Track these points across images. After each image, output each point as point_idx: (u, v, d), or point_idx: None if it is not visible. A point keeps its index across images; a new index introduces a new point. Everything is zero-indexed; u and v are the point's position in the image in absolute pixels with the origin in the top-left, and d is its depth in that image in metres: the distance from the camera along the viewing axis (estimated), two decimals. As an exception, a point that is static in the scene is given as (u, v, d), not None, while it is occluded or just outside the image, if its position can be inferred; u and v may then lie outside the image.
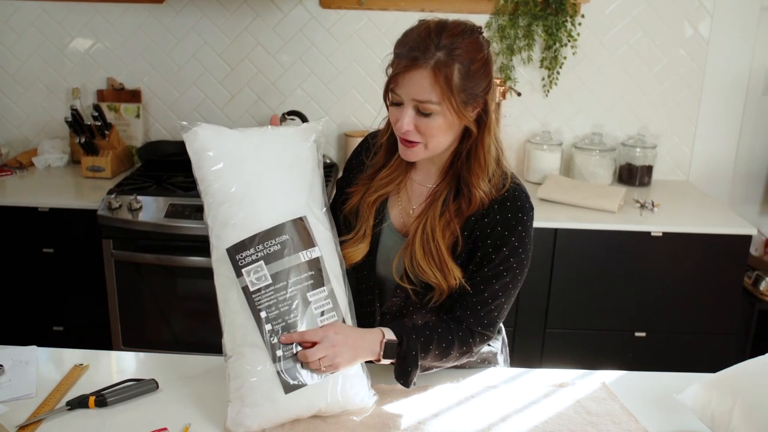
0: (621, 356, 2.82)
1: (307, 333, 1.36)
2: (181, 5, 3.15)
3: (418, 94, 1.38)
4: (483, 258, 1.51)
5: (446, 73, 1.36)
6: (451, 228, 1.50)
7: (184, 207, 2.71)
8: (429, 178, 1.58)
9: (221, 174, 1.40)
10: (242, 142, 1.44)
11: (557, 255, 2.72)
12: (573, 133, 3.26)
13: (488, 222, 1.50)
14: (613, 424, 1.46)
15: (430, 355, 1.48)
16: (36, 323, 2.90)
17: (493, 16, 3.09)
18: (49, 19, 3.18)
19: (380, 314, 1.63)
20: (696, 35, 3.12)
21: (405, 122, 1.40)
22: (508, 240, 1.50)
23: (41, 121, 3.31)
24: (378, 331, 1.44)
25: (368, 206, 1.58)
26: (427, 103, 1.38)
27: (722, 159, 3.27)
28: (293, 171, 1.46)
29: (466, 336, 1.52)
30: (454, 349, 1.50)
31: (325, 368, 1.36)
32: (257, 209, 1.39)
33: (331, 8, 3.13)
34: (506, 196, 1.50)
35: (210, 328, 2.81)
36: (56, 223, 2.76)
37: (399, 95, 1.41)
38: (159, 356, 1.68)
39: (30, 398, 1.47)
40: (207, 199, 1.41)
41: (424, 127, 1.41)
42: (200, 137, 1.42)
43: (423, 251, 1.50)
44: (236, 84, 3.24)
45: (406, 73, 1.37)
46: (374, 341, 1.42)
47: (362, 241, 1.58)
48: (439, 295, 1.52)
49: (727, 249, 2.72)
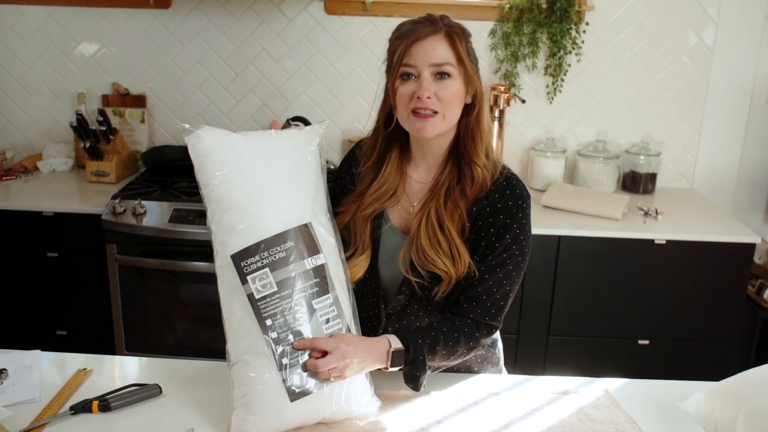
0: (624, 364, 2.81)
1: (319, 341, 1.35)
2: (187, 11, 3.16)
3: (435, 57, 1.45)
4: (487, 247, 1.53)
5: (458, 39, 1.47)
6: (458, 211, 1.53)
7: (189, 212, 2.71)
8: (428, 174, 1.60)
9: (225, 179, 1.39)
10: (246, 146, 1.43)
11: (560, 262, 2.72)
12: (577, 141, 3.26)
13: (490, 210, 1.53)
14: (616, 431, 1.46)
15: (438, 356, 1.49)
16: (39, 327, 2.90)
17: (497, 23, 3.10)
18: (54, 24, 3.19)
19: (385, 316, 1.63)
20: (700, 43, 3.12)
21: (425, 87, 1.45)
22: (510, 227, 1.52)
23: (46, 125, 3.32)
24: (384, 339, 1.44)
25: (363, 220, 1.58)
26: (445, 65, 1.45)
27: (726, 167, 3.27)
28: (298, 176, 1.45)
29: (472, 330, 1.53)
30: (461, 346, 1.51)
31: (334, 378, 1.36)
32: (262, 216, 1.38)
33: (336, 14, 3.14)
34: (504, 184, 1.55)
35: (214, 333, 2.81)
36: (60, 228, 2.76)
37: (413, 65, 1.46)
38: (162, 361, 1.68)
39: (34, 402, 1.47)
40: (210, 204, 1.40)
41: (443, 93, 1.46)
42: (203, 141, 1.40)
43: (429, 241, 1.51)
44: (241, 89, 3.25)
45: (420, 41, 1.45)
46: (382, 351, 1.42)
47: (361, 254, 1.58)
48: (447, 285, 1.52)
49: (730, 257, 2.71)
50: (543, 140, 3.21)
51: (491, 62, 3.15)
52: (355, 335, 1.42)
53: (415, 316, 1.61)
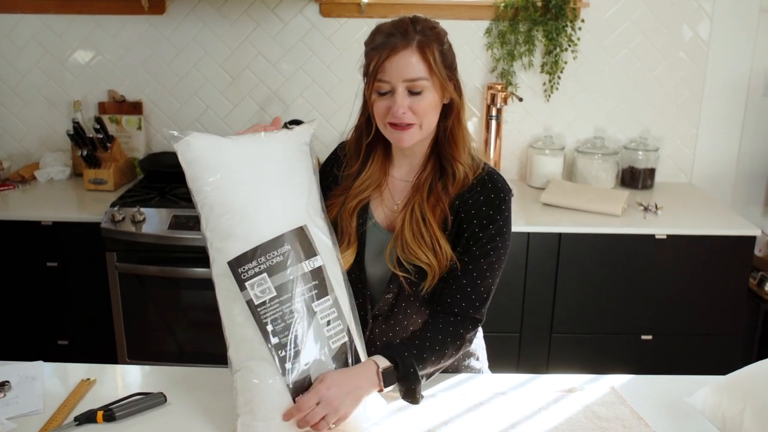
0: (628, 360, 2.82)
1: (302, 402, 1.32)
2: (182, 16, 3.15)
3: (408, 73, 1.45)
4: (470, 238, 1.55)
5: (429, 50, 1.46)
6: (440, 206, 1.55)
7: (188, 218, 2.70)
8: (410, 173, 1.62)
9: (218, 185, 1.37)
10: (237, 149, 1.41)
11: (562, 260, 2.72)
12: (575, 138, 3.26)
13: (472, 203, 1.55)
14: (623, 428, 1.45)
15: (428, 363, 1.48)
16: (40, 337, 2.89)
17: (493, 21, 3.09)
18: (49, 32, 3.19)
19: (372, 317, 1.63)
20: (696, 38, 3.12)
21: (400, 104, 1.46)
22: (494, 219, 1.54)
23: (43, 134, 3.31)
24: (370, 362, 1.41)
25: (349, 213, 1.60)
26: (418, 80, 1.46)
27: (724, 160, 3.27)
28: (291, 178, 1.44)
29: (456, 328, 1.53)
30: (449, 347, 1.51)
31: (334, 424, 1.34)
32: (258, 220, 1.37)
33: (331, 17, 3.13)
34: (486, 178, 1.57)
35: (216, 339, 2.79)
36: (60, 237, 2.76)
37: (388, 81, 1.47)
38: (166, 369, 1.67)
39: (38, 414, 1.46)
40: (204, 210, 1.39)
41: (417, 107, 1.47)
42: (193, 147, 1.38)
43: (413, 235, 1.53)
44: (238, 94, 3.25)
45: (393, 56, 1.45)
46: (371, 375, 1.40)
47: (348, 247, 1.59)
48: (432, 279, 1.54)
49: (731, 250, 2.71)
50: (541, 138, 3.20)
51: (488, 61, 3.15)
52: (337, 372, 1.37)
53: (403, 314, 1.62)
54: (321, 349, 1.37)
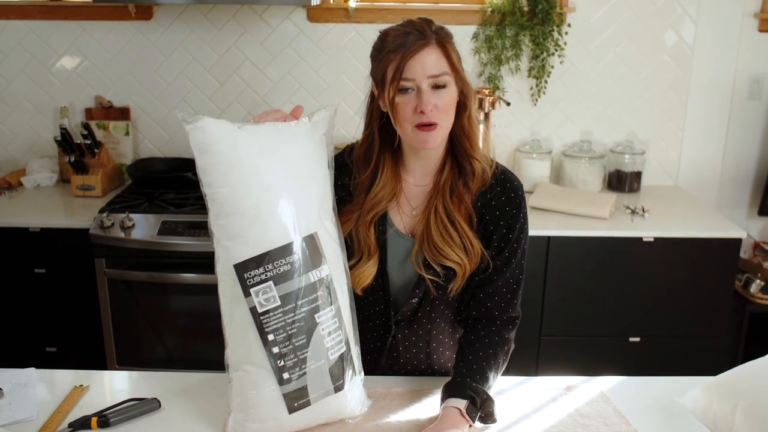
0: (616, 362, 2.83)
1: None
2: (169, 22, 3.15)
3: (432, 69, 1.46)
4: (501, 240, 1.57)
5: (449, 45, 1.49)
6: (464, 204, 1.56)
7: (177, 224, 2.70)
8: (424, 176, 1.61)
9: (230, 181, 1.31)
10: (253, 144, 1.34)
11: (550, 263, 2.73)
12: (562, 141, 3.28)
13: (495, 204, 1.57)
14: (604, 426, 1.46)
15: (492, 379, 1.52)
16: (29, 344, 2.87)
17: (480, 26, 3.11)
18: (35, 38, 3.17)
19: (394, 323, 1.63)
20: (680, 42, 3.16)
21: (427, 100, 1.45)
22: (517, 217, 1.57)
23: (29, 140, 3.29)
24: (451, 410, 1.43)
25: (366, 225, 1.57)
26: (442, 75, 1.47)
27: (709, 163, 3.30)
28: (306, 177, 1.39)
29: (500, 334, 1.57)
30: (500, 356, 1.55)
31: None
32: (269, 225, 1.32)
33: (319, 22, 3.14)
34: (503, 177, 1.59)
35: (205, 345, 2.82)
36: (48, 244, 2.74)
37: (412, 79, 1.46)
38: (159, 374, 1.66)
39: (31, 421, 1.45)
40: (213, 205, 1.33)
41: (442, 103, 1.48)
42: (208, 135, 1.31)
43: (441, 236, 1.53)
44: (225, 99, 3.24)
45: (415, 54, 1.45)
46: (458, 419, 1.41)
47: (370, 258, 1.57)
48: (462, 279, 1.55)
49: (717, 253, 2.74)
50: (528, 142, 3.22)
51: (475, 66, 3.16)
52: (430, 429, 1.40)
53: (427, 318, 1.63)
54: (320, 361, 1.36)
